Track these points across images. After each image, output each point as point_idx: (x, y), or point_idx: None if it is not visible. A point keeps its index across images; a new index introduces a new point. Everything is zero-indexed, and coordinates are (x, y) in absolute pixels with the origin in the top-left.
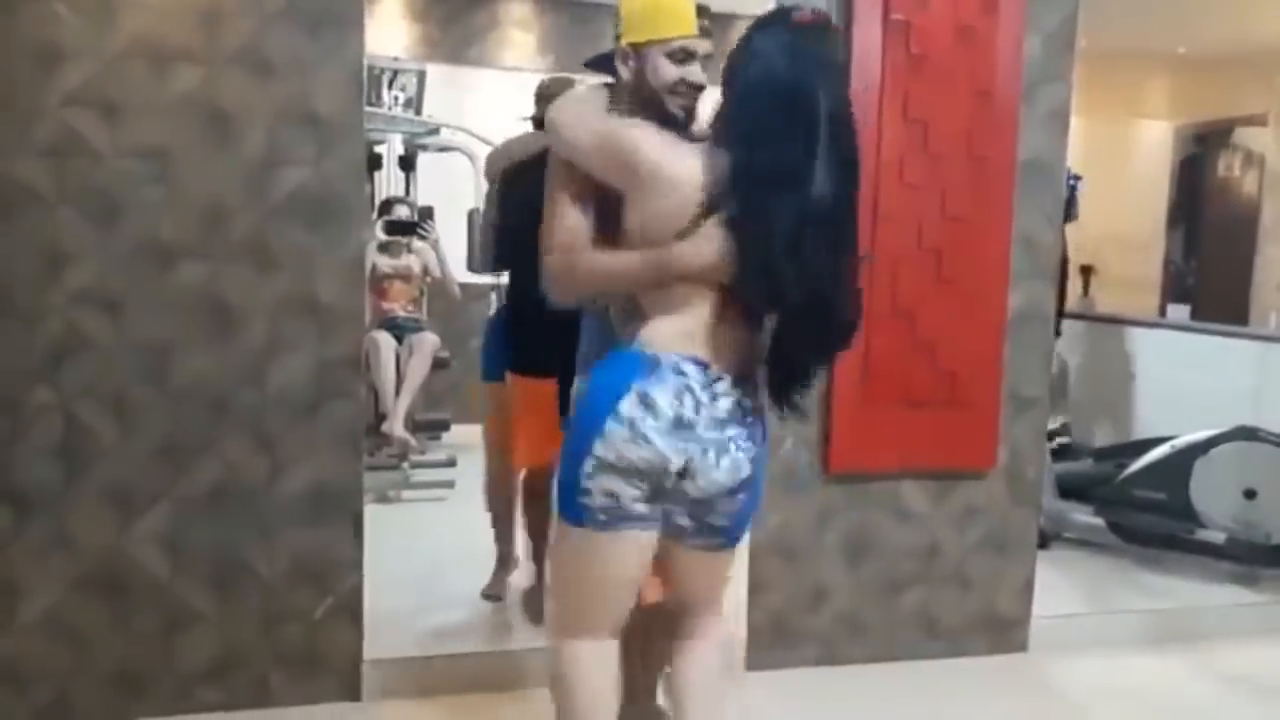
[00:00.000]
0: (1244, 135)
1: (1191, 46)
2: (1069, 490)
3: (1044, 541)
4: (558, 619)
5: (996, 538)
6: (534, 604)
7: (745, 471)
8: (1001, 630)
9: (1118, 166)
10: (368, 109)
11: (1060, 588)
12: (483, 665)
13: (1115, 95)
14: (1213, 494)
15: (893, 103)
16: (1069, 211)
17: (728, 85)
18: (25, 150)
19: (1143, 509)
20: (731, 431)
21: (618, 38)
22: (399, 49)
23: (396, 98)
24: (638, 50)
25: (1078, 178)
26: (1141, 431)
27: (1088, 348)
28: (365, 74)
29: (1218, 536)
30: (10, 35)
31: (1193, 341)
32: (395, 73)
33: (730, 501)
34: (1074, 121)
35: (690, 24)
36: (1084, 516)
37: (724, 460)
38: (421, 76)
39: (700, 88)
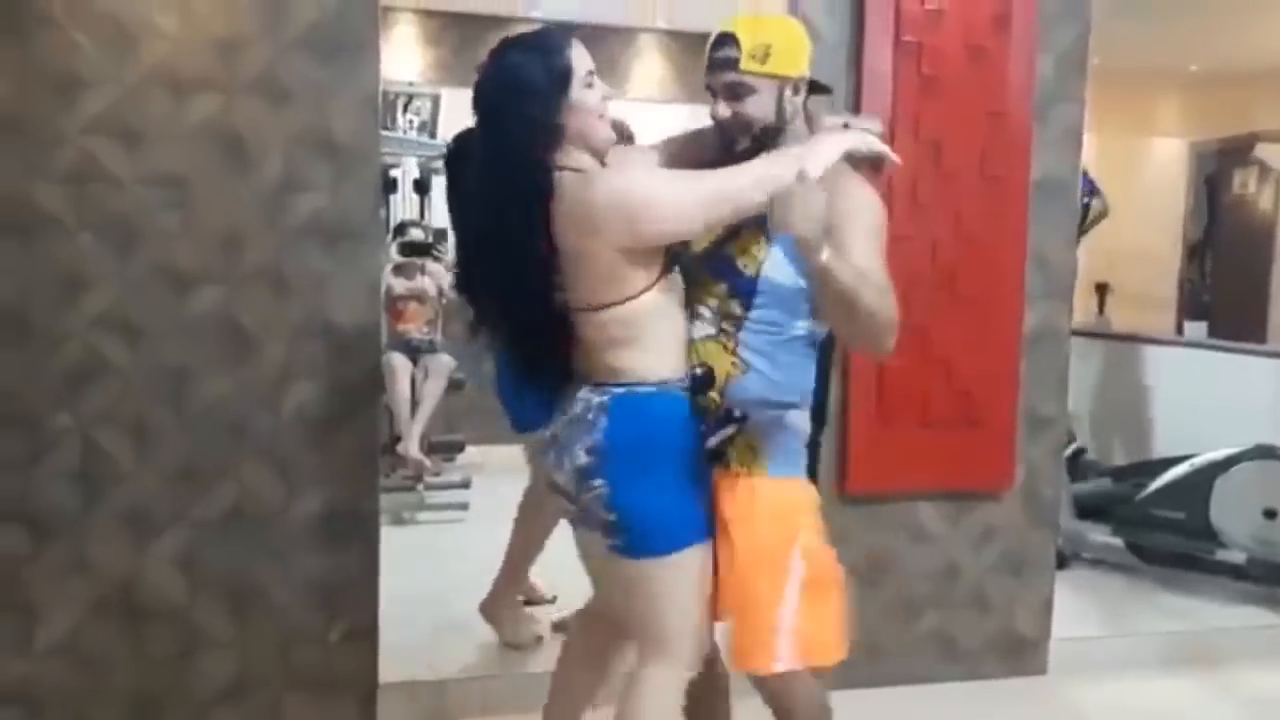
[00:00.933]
0: (1259, 152)
1: (1204, 64)
2: (1087, 510)
3: (1062, 562)
4: (687, 653)
5: (1014, 559)
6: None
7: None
8: (1020, 652)
9: (1132, 184)
10: (383, 133)
11: (1079, 609)
12: (498, 689)
13: (1128, 113)
14: (1233, 513)
15: (905, 124)
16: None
17: None
18: (45, 176)
19: (1162, 529)
20: None
21: (765, 72)
22: (414, 74)
23: (411, 121)
24: (794, 83)
25: (1093, 188)
26: (1160, 450)
27: (1104, 366)
28: (380, 100)
29: (1238, 556)
30: (31, 64)
31: (1210, 359)
32: (410, 97)
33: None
34: (1087, 139)
35: None
36: (1102, 536)
37: None
38: (436, 100)
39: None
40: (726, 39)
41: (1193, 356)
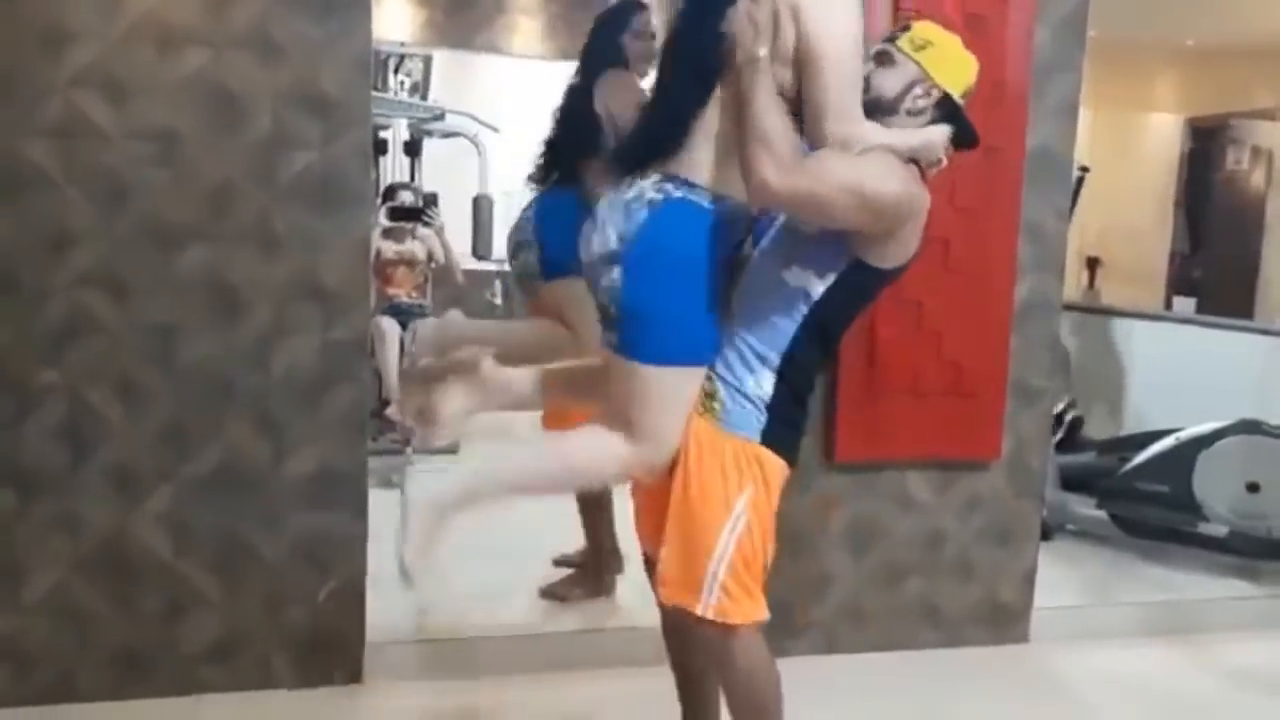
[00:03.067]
0: (1253, 129)
1: (1200, 39)
2: (1072, 482)
3: (1046, 533)
4: (650, 453)
5: (999, 528)
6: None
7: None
8: (1003, 621)
9: (1126, 159)
10: (374, 94)
11: (1062, 579)
12: (486, 649)
13: (1124, 87)
14: (1216, 487)
15: None
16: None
17: None
18: (31, 131)
19: (1146, 502)
20: None
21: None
22: (405, 34)
23: (403, 83)
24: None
25: (1085, 170)
26: (1146, 425)
27: (1093, 340)
28: (372, 59)
29: (1220, 530)
30: (17, 16)
31: (1199, 335)
32: (402, 58)
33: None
34: (1082, 113)
35: None
36: (1087, 509)
37: None
38: (428, 62)
39: None
40: (908, 25)
41: (1181, 332)
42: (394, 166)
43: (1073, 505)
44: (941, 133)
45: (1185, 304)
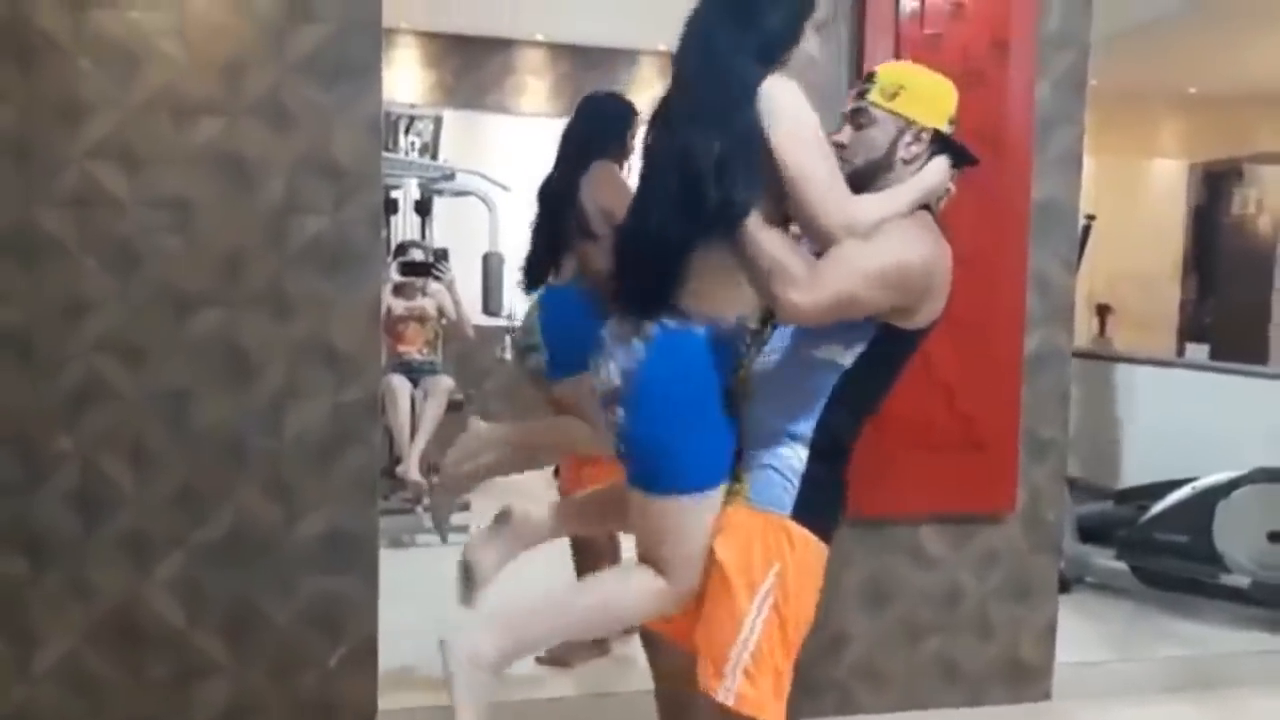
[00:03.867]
0: (1259, 174)
1: (1202, 86)
2: (1090, 533)
3: (1065, 586)
4: (678, 581)
5: (1017, 583)
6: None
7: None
8: (1024, 678)
9: (1132, 205)
10: (384, 155)
11: (1083, 634)
12: (497, 716)
13: (1128, 134)
14: (1236, 537)
15: None
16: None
17: None
18: (49, 200)
19: (1165, 552)
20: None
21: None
22: (416, 95)
23: (413, 143)
24: (918, 129)
25: (1091, 218)
26: (1161, 473)
27: (1103, 388)
28: (383, 122)
29: (1242, 580)
30: (36, 89)
31: (1211, 381)
32: (412, 119)
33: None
34: (1086, 160)
35: None
36: (1105, 560)
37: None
38: (438, 122)
39: None
40: (872, 74)
41: (1194, 378)
42: (405, 225)
43: (1091, 557)
44: (939, 167)
45: (1197, 350)
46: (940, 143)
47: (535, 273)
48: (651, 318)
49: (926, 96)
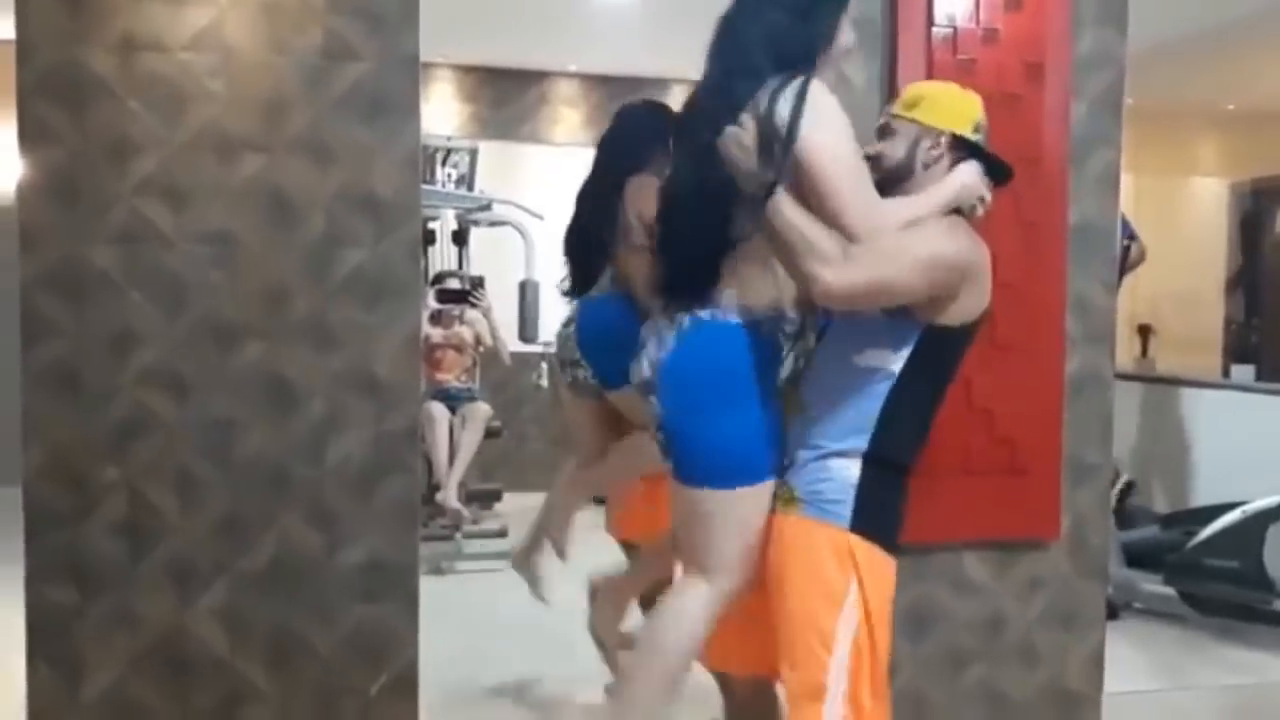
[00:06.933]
0: None
1: (1240, 102)
2: (1137, 558)
3: (1113, 612)
4: (724, 580)
5: (1063, 609)
6: None
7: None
8: (1071, 707)
9: (1172, 224)
10: (422, 186)
11: (1132, 662)
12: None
13: (1166, 153)
14: None
15: None
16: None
17: None
18: (97, 238)
19: (1215, 578)
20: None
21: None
22: (452, 128)
23: (450, 175)
24: (936, 134)
25: (1132, 237)
26: (1208, 497)
27: (1148, 410)
28: (420, 156)
29: None
30: (86, 130)
31: (1259, 402)
32: (449, 151)
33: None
34: (1125, 179)
35: None
36: (1154, 586)
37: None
38: (474, 154)
39: None
40: (897, 93)
41: (1240, 400)
42: (442, 256)
43: (1139, 583)
44: (969, 170)
45: (1244, 371)
46: (967, 149)
47: (577, 284)
48: (686, 309)
49: (944, 103)
